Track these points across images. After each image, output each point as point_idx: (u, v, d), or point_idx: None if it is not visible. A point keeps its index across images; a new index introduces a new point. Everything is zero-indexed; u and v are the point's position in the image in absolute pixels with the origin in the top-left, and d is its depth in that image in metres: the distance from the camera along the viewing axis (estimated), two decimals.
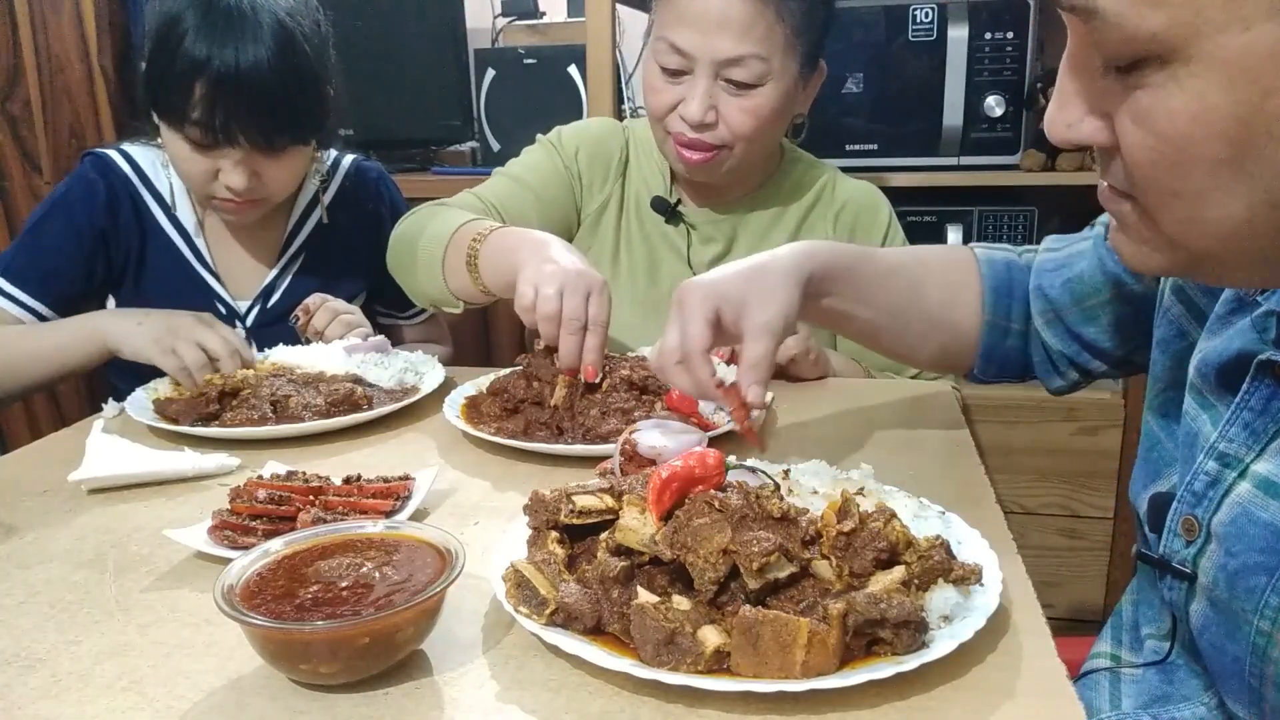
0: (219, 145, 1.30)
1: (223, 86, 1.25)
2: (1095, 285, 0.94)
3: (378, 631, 0.61)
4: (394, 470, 0.93)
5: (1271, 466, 0.66)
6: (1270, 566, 0.64)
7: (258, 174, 1.34)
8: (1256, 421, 0.68)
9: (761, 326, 0.87)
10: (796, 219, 1.48)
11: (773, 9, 1.27)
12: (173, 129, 1.31)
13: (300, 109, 1.32)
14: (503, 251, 1.21)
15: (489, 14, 2.59)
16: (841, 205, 1.48)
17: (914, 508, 0.78)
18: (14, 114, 2.34)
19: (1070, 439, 2.02)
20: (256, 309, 1.50)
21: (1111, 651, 0.87)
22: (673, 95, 1.32)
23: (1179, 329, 0.82)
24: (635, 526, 0.67)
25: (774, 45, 1.28)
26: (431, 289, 1.32)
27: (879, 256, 1.03)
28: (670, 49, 1.30)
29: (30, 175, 2.38)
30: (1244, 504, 0.67)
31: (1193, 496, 0.71)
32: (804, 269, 0.92)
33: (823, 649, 0.59)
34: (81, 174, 1.46)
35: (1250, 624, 0.65)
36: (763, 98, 1.31)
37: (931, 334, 1.03)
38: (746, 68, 1.28)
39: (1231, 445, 0.69)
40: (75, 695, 0.64)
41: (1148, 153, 0.58)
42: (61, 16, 2.33)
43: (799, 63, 1.33)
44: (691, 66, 1.30)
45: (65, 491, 0.97)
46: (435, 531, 0.71)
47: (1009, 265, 1.03)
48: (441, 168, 2.45)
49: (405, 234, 1.38)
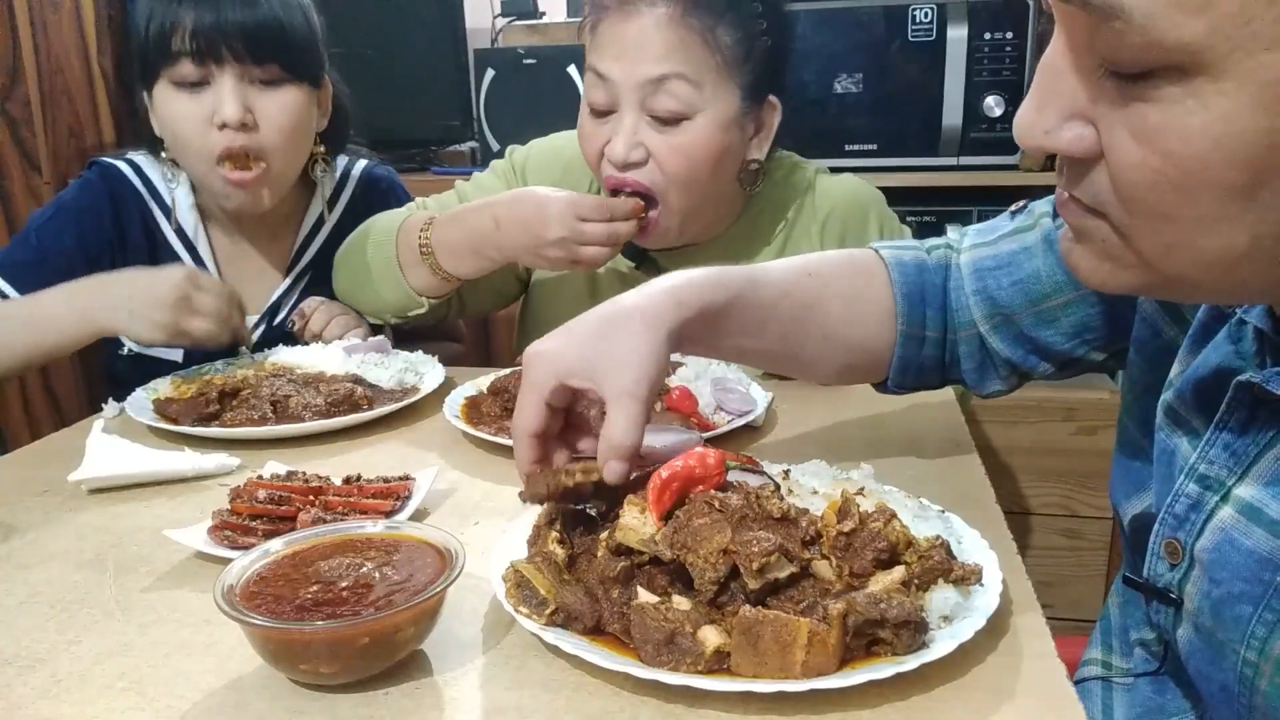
0: (206, 64, 1.28)
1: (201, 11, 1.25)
2: (1056, 285, 0.87)
3: (378, 631, 0.61)
4: (394, 470, 0.93)
5: (1254, 491, 0.63)
6: (1255, 595, 0.61)
7: (252, 111, 1.31)
8: (1237, 443, 0.64)
9: (619, 392, 0.73)
10: (778, 246, 1.35)
11: (698, 36, 1.17)
12: (164, 81, 1.30)
13: (287, 30, 1.31)
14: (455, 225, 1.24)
15: (489, 14, 2.59)
16: (826, 216, 1.35)
17: (914, 508, 0.78)
18: (13, 114, 2.34)
19: (1070, 439, 2.02)
20: (263, 325, 1.48)
21: (1102, 658, 0.85)
22: (602, 137, 1.22)
23: (1153, 328, 0.79)
24: (635, 526, 0.67)
25: (703, 71, 1.18)
26: (390, 293, 1.32)
27: (767, 280, 0.90)
28: (595, 80, 1.22)
29: (30, 175, 2.37)
30: (1227, 529, 0.64)
31: (1174, 519, 0.68)
32: (670, 319, 0.78)
33: (823, 649, 0.59)
34: (90, 183, 1.45)
35: (1237, 654, 0.62)
36: (694, 133, 1.19)
37: (832, 354, 0.94)
38: (671, 93, 1.17)
39: (1212, 468, 0.66)
40: (75, 695, 0.64)
41: (1148, 173, 0.53)
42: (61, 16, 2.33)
43: (740, 96, 1.21)
44: (616, 99, 1.20)
45: (65, 491, 0.97)
46: (435, 531, 0.71)
47: (920, 268, 0.95)
48: (441, 168, 2.45)
49: (350, 248, 1.38)
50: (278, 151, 1.35)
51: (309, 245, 1.52)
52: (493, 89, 2.33)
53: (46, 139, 2.36)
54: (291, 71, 1.33)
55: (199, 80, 1.29)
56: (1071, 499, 2.05)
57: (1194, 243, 0.55)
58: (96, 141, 2.42)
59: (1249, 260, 0.54)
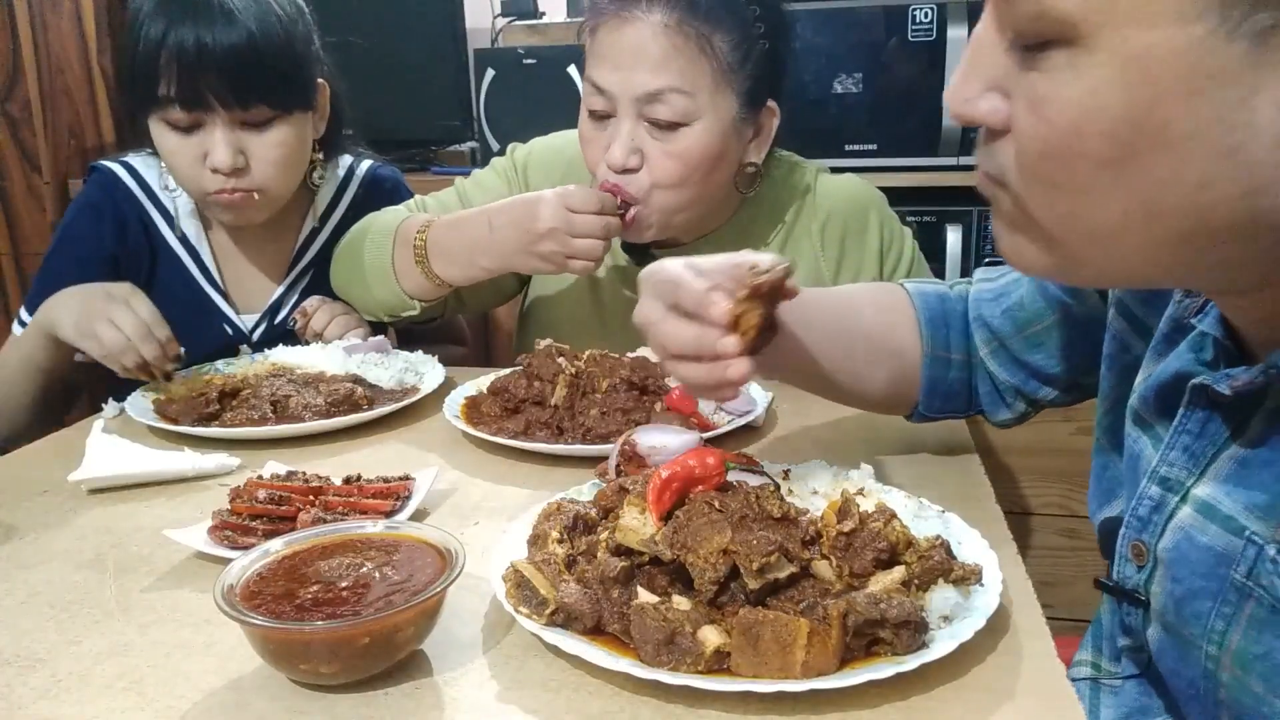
0: (194, 111, 1.27)
1: (184, 55, 1.24)
2: (1037, 310, 0.91)
3: (378, 631, 0.61)
4: (394, 470, 0.93)
5: (1210, 489, 0.65)
6: (1212, 591, 0.63)
7: (244, 153, 1.31)
8: (1195, 445, 0.66)
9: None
10: (777, 244, 1.35)
11: (694, 43, 1.17)
12: (156, 118, 1.30)
13: (272, 71, 1.29)
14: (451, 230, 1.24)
15: (489, 14, 2.59)
16: (826, 216, 1.35)
17: (914, 508, 0.78)
18: (13, 114, 2.34)
19: (1070, 439, 2.01)
20: (263, 325, 1.48)
21: (1092, 660, 0.86)
22: (601, 141, 1.23)
23: (1122, 343, 0.81)
24: (635, 526, 0.67)
25: (699, 80, 1.18)
26: (383, 293, 1.32)
27: (828, 292, 0.97)
28: (593, 90, 1.23)
29: (30, 175, 2.38)
30: (1185, 528, 0.66)
31: (1139, 522, 0.70)
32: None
33: (823, 649, 0.59)
34: (87, 199, 1.45)
35: (1200, 649, 0.64)
36: (690, 140, 1.19)
37: (878, 359, 0.96)
38: (667, 104, 1.18)
39: (1173, 470, 0.68)
40: (75, 695, 0.64)
41: (1037, 141, 0.56)
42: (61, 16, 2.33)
43: (737, 102, 1.21)
44: (614, 107, 1.21)
45: (65, 491, 0.97)
46: (435, 531, 0.71)
47: (941, 298, 0.98)
48: (441, 168, 2.45)
49: (348, 244, 1.38)
50: (271, 185, 1.36)
51: (310, 246, 1.51)
52: (493, 89, 2.33)
53: (46, 139, 2.36)
54: (282, 107, 1.33)
55: (190, 125, 1.29)
56: (1071, 499, 2.04)
57: (1080, 212, 0.56)
58: (96, 142, 2.42)
59: (1125, 234, 0.56)
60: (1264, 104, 0.49)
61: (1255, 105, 0.49)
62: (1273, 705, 0.60)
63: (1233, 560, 0.62)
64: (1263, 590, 0.60)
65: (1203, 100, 0.50)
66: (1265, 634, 0.60)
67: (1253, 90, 0.49)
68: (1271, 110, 0.49)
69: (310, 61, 1.37)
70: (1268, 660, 0.60)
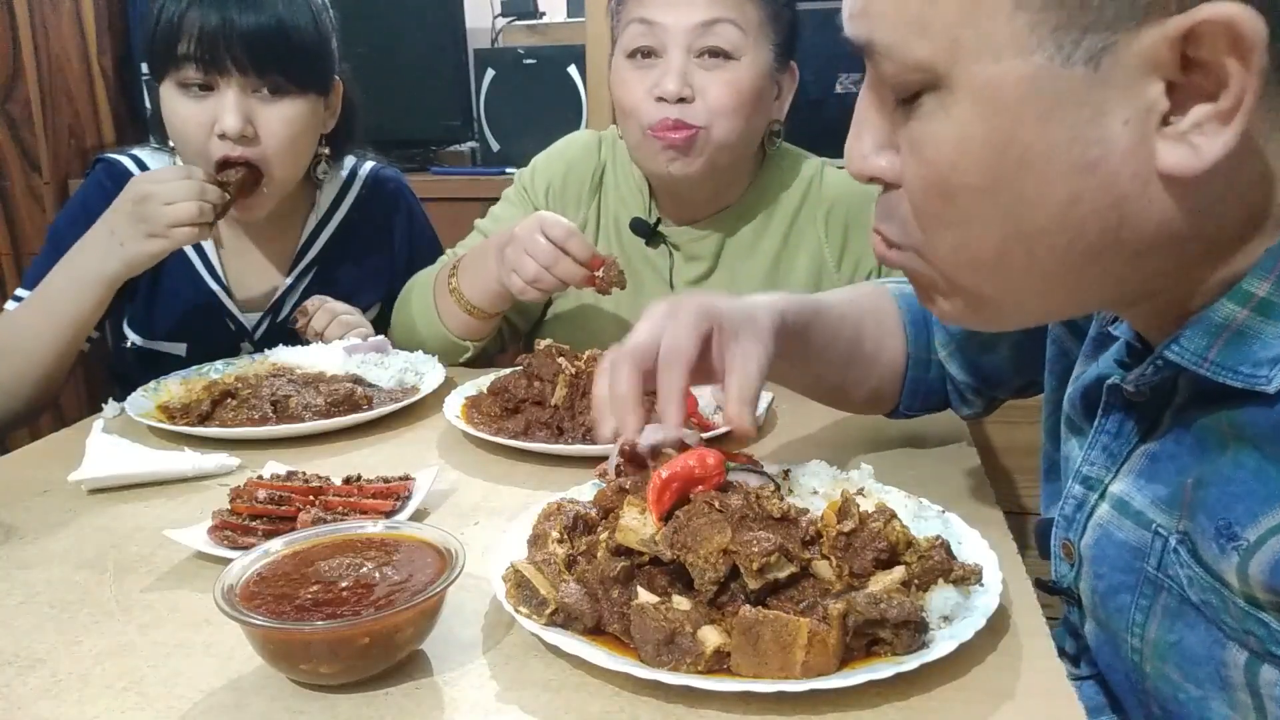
0: (210, 72, 1.27)
1: (208, 14, 1.25)
2: None
3: (378, 631, 0.61)
4: (394, 470, 0.93)
5: (1124, 486, 0.67)
6: (1130, 585, 0.66)
7: (253, 122, 1.30)
8: (1113, 444, 0.69)
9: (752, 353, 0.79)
10: (783, 229, 1.39)
11: None
12: (170, 81, 1.30)
13: (292, 43, 1.30)
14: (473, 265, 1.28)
15: (489, 14, 2.59)
16: (831, 204, 1.38)
17: (914, 508, 0.78)
18: (14, 114, 2.34)
19: None
20: (266, 322, 1.48)
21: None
22: (646, 82, 1.27)
23: (1061, 348, 0.84)
24: (635, 526, 0.67)
25: (748, 19, 1.25)
26: (434, 340, 1.37)
27: (828, 306, 0.96)
28: (642, 27, 1.26)
29: (30, 175, 2.38)
30: (1104, 525, 0.68)
31: (1065, 521, 0.72)
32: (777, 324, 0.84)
33: (823, 649, 0.59)
34: (97, 182, 1.44)
35: (1126, 642, 0.67)
36: (742, 70, 1.26)
37: (867, 378, 1.00)
38: (721, 34, 1.24)
39: (1093, 468, 0.70)
40: (75, 695, 0.64)
41: (921, 180, 0.59)
42: (61, 16, 2.33)
43: (772, 53, 1.29)
44: (664, 44, 1.26)
45: (65, 491, 0.97)
46: (435, 531, 0.71)
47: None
48: (441, 168, 2.45)
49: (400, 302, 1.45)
50: (277, 162, 1.34)
51: (313, 243, 1.52)
52: (493, 89, 2.33)
53: (46, 139, 2.36)
54: (296, 82, 1.33)
55: (204, 85, 1.29)
56: None
57: (967, 242, 0.60)
58: (97, 142, 2.42)
59: (1009, 259, 0.59)
60: (1113, 120, 0.53)
61: (1105, 122, 0.53)
62: (1188, 692, 0.63)
63: (1145, 554, 0.64)
64: (1171, 581, 0.63)
65: (1054, 122, 0.54)
66: (1177, 623, 0.63)
67: (1099, 108, 0.53)
68: (1118, 125, 0.53)
69: (329, 50, 1.38)
70: (1180, 649, 0.63)
